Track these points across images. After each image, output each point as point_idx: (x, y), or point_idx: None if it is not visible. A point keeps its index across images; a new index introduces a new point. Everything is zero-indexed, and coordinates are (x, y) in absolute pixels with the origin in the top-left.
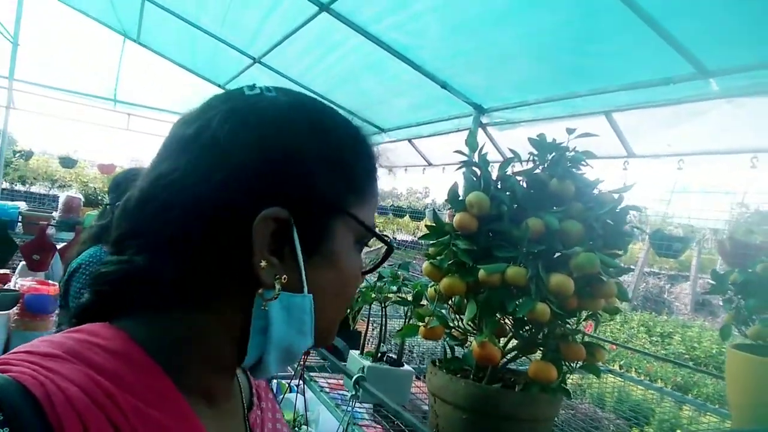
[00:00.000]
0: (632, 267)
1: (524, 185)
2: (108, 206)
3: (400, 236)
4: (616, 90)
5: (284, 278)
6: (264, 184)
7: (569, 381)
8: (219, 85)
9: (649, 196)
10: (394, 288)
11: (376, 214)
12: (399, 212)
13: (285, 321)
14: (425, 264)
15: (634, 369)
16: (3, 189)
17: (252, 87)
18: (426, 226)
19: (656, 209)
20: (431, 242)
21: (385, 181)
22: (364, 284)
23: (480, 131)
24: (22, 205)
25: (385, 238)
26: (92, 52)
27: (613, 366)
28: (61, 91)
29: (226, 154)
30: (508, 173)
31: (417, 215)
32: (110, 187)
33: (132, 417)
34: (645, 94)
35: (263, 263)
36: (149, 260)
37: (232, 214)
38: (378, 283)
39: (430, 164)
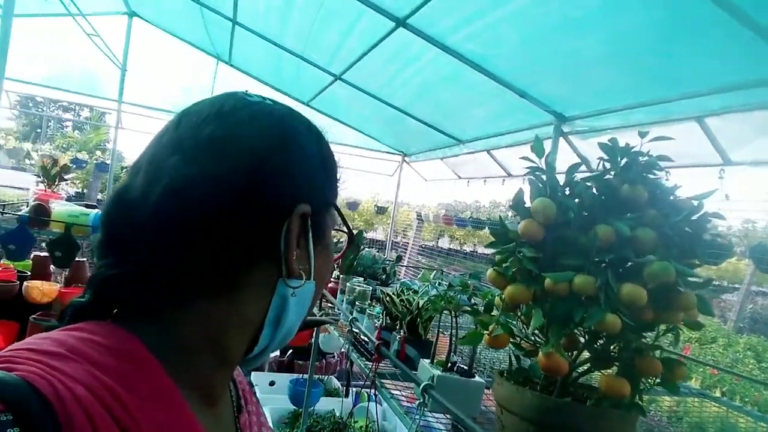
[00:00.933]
0: (737, 285)
1: (594, 191)
2: None
3: (480, 249)
4: (709, 93)
5: (305, 266)
6: (290, 186)
7: (665, 406)
8: (304, 103)
9: (751, 207)
10: (465, 297)
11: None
12: (478, 225)
13: (295, 307)
14: (489, 271)
15: (739, 396)
16: None
17: (247, 93)
18: (491, 232)
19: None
20: (496, 250)
21: (463, 193)
22: (434, 292)
23: (561, 140)
24: None
25: (351, 229)
26: (190, 75)
27: (715, 392)
28: (161, 111)
29: (257, 157)
30: (576, 179)
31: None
32: None
33: (137, 416)
34: (740, 96)
35: (295, 255)
36: (160, 258)
37: (263, 212)
38: (448, 292)
39: (509, 175)
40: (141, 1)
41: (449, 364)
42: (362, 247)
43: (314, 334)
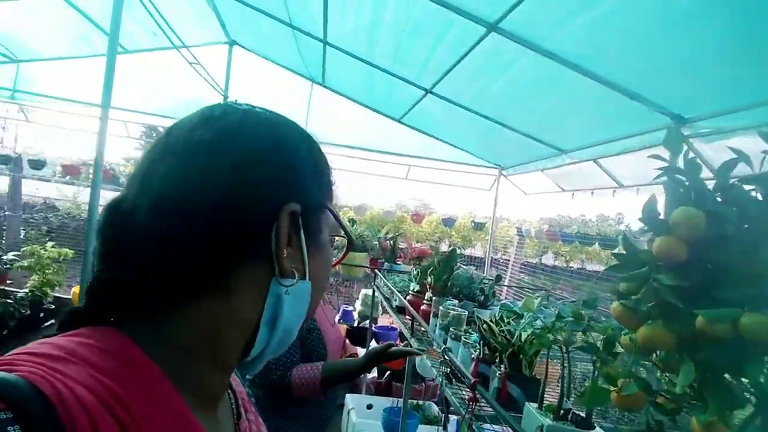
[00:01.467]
0: None
1: (759, 197)
2: None
3: (590, 266)
4: None
5: (299, 265)
6: (280, 186)
7: None
8: (396, 119)
9: None
10: (578, 330)
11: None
12: (586, 240)
13: (292, 307)
14: (614, 305)
15: None
16: None
17: (236, 102)
18: (614, 255)
19: None
20: (623, 276)
21: (567, 206)
22: (539, 324)
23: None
24: None
25: (349, 233)
26: (286, 98)
27: None
28: None
29: (246, 159)
30: (732, 181)
31: (608, 243)
32: None
33: (137, 416)
34: None
35: (285, 253)
36: (154, 261)
37: (253, 212)
38: (557, 323)
39: (620, 186)
40: (239, 29)
41: (562, 412)
42: (456, 265)
43: (407, 358)
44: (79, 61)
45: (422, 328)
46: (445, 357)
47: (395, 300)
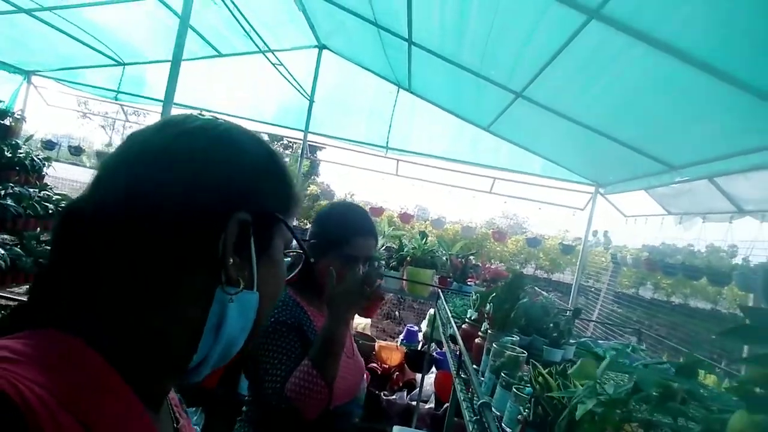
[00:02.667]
0: None
1: None
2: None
3: (693, 303)
4: None
5: (245, 275)
6: (232, 194)
7: None
8: (482, 127)
9: None
10: (664, 414)
11: None
12: (692, 273)
13: (236, 317)
14: (736, 418)
15: None
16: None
17: (200, 114)
18: (734, 329)
19: None
20: (749, 359)
21: (672, 232)
22: (603, 397)
23: None
24: None
25: (305, 247)
26: (370, 102)
27: None
28: (342, 140)
29: (198, 164)
30: None
31: (718, 279)
32: (317, 221)
33: (97, 417)
34: None
35: (232, 261)
36: (103, 263)
37: (202, 218)
38: (632, 400)
39: (740, 210)
40: (329, 33)
41: None
42: (524, 293)
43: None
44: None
45: (469, 365)
46: (482, 414)
47: (450, 327)
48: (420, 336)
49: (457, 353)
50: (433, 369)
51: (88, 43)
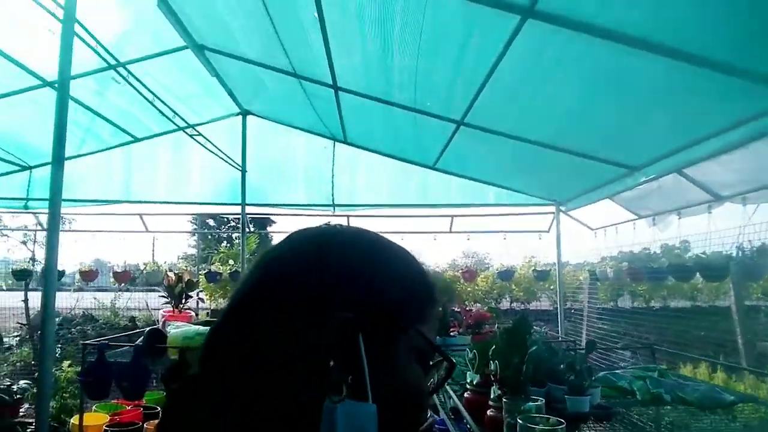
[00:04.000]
0: None
1: None
2: None
3: (673, 303)
4: None
5: (350, 379)
6: (337, 294)
7: None
8: (428, 166)
9: None
10: None
11: None
12: (684, 274)
13: (349, 429)
14: None
15: None
16: None
17: (328, 224)
18: None
19: None
20: None
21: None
22: None
23: None
24: None
25: (447, 355)
26: (308, 163)
27: None
28: (285, 206)
29: (303, 271)
30: None
31: (712, 275)
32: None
33: None
34: None
35: (332, 363)
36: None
37: (311, 321)
38: None
39: (718, 198)
40: (251, 98)
41: None
42: (530, 340)
43: None
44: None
45: None
46: None
47: (449, 398)
48: None
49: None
50: None
51: None
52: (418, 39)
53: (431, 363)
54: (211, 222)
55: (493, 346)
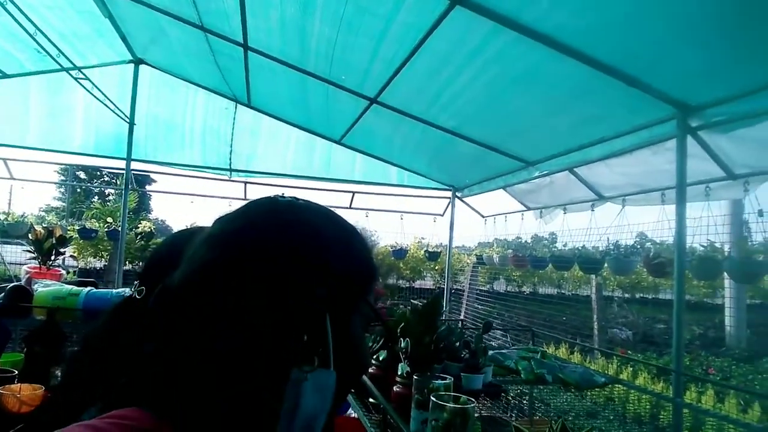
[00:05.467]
0: None
1: None
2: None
3: (542, 290)
4: None
5: (321, 353)
6: (311, 272)
7: None
8: (335, 140)
9: None
10: None
11: None
12: (563, 263)
13: (312, 397)
14: None
15: None
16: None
17: (282, 196)
18: None
19: None
20: None
21: (533, 226)
22: None
23: (689, 141)
24: (127, 291)
25: (386, 323)
26: (206, 123)
27: None
28: (176, 166)
29: (275, 246)
30: None
31: (587, 266)
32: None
33: None
34: None
35: (306, 338)
36: (186, 342)
37: (282, 294)
38: None
39: (601, 197)
40: (147, 45)
41: None
42: (443, 317)
43: None
44: None
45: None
46: None
47: None
48: None
49: (375, 412)
50: None
51: None
52: (342, 8)
53: (370, 327)
54: (82, 175)
55: (402, 324)
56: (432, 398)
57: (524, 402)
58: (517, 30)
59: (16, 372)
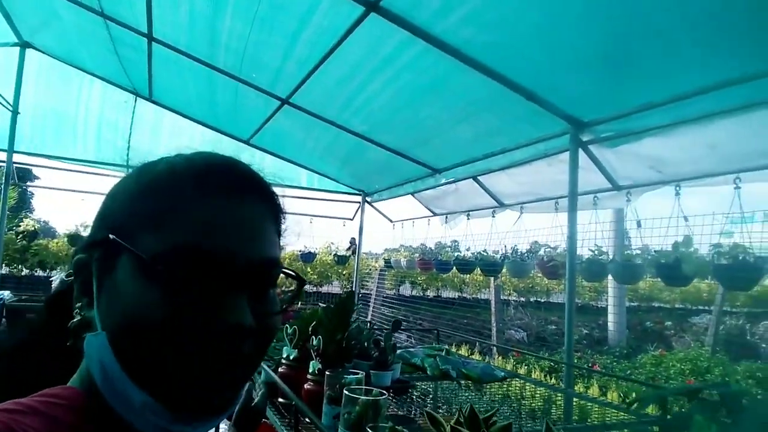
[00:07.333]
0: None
1: None
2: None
3: (445, 293)
4: None
5: (81, 313)
6: (95, 227)
7: None
8: (243, 140)
9: None
10: None
11: None
12: (465, 266)
13: (95, 362)
14: None
15: None
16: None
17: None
18: None
19: None
20: None
21: (439, 231)
22: None
23: (581, 155)
24: (6, 294)
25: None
26: (101, 116)
27: None
28: (68, 160)
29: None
30: None
31: (489, 269)
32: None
33: None
34: None
35: (75, 295)
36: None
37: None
38: None
39: (501, 204)
40: (36, 28)
41: None
42: (355, 315)
43: None
44: None
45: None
46: None
47: (261, 374)
48: None
49: (285, 413)
50: None
51: None
52: (256, 5)
53: (160, 273)
54: None
55: (314, 322)
56: (345, 392)
57: (428, 401)
58: (428, 41)
59: None
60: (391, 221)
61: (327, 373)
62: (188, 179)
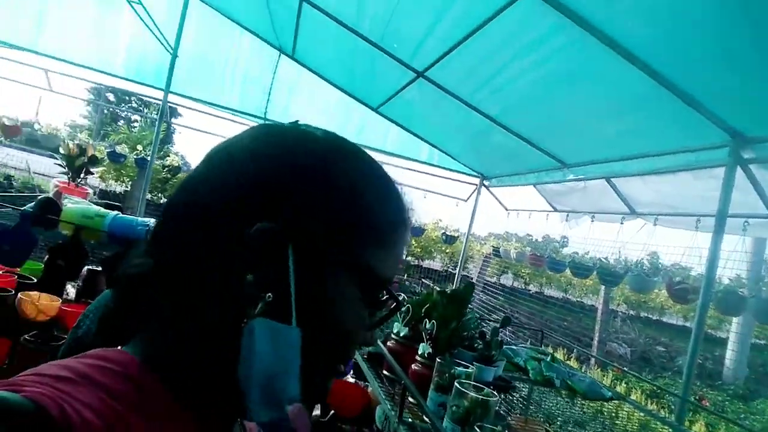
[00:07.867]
0: None
1: None
2: None
3: (548, 291)
4: None
5: (269, 296)
6: (268, 201)
7: None
8: (372, 108)
9: None
10: None
11: None
12: (583, 271)
13: (268, 350)
14: None
15: None
16: (155, 203)
17: (295, 122)
18: None
19: None
20: None
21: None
22: None
23: (738, 172)
24: (152, 222)
25: (394, 293)
26: (248, 67)
27: None
28: (213, 105)
29: (239, 164)
30: None
31: (609, 279)
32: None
33: None
34: None
35: (249, 276)
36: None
37: (231, 221)
38: None
39: (633, 212)
40: None
41: None
42: (472, 299)
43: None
44: None
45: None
46: None
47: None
48: None
49: (390, 386)
50: None
51: None
52: None
53: (379, 298)
54: (111, 97)
55: (427, 305)
56: (456, 385)
57: (516, 398)
58: (584, 27)
59: (35, 280)
60: (506, 209)
61: (438, 359)
62: (407, 212)
